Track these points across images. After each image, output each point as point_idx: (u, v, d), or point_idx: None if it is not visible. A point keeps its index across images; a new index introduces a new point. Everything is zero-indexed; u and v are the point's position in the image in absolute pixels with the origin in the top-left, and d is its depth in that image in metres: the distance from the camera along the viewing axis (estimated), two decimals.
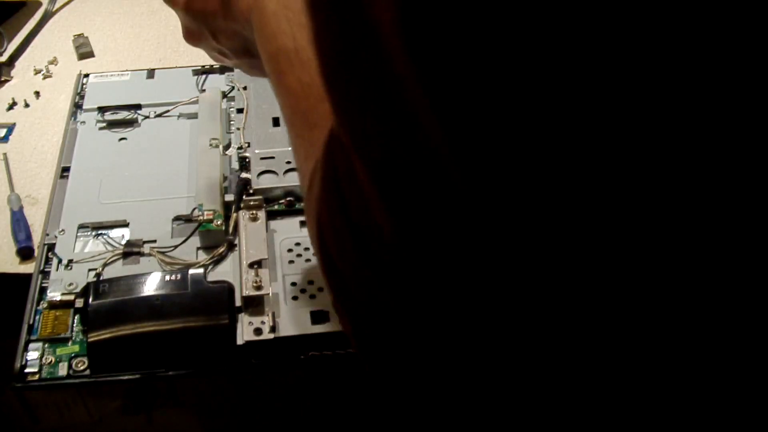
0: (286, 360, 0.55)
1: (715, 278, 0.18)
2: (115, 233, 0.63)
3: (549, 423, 0.22)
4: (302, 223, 0.64)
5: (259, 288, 0.56)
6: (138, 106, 0.74)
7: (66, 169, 0.69)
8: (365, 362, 0.28)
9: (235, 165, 0.69)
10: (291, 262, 0.61)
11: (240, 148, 0.70)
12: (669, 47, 0.15)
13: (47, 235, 0.62)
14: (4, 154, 0.73)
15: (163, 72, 0.80)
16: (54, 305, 0.57)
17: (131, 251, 0.61)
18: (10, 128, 0.76)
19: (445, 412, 0.25)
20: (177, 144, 0.71)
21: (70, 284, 0.58)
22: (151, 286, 0.54)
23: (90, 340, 0.52)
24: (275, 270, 0.60)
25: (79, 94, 0.77)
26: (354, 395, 0.62)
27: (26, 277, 0.60)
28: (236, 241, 0.61)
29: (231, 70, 0.78)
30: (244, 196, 0.64)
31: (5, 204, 0.68)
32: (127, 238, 0.62)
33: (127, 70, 0.80)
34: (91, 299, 0.53)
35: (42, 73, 0.84)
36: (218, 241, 0.61)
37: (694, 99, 0.15)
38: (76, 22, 0.92)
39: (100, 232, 0.63)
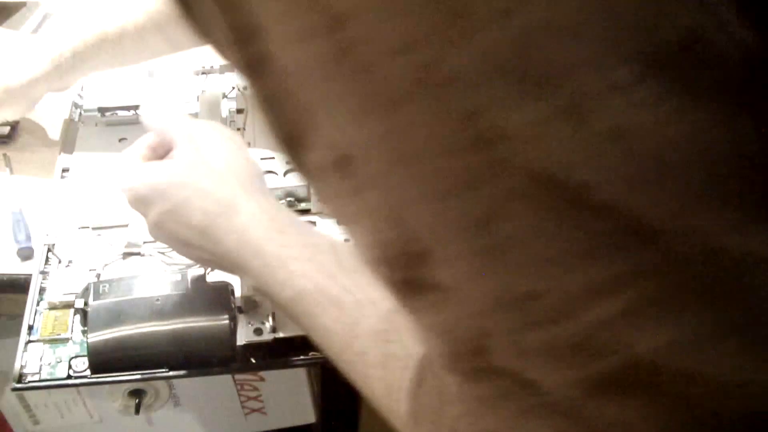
0: (286, 360, 0.55)
1: None
2: (115, 233, 0.63)
3: None
4: None
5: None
6: (138, 107, 0.74)
7: (66, 170, 0.69)
8: None
9: None
10: None
11: None
12: None
13: (47, 235, 0.62)
14: (4, 154, 0.73)
15: (163, 72, 0.80)
16: (54, 306, 0.57)
17: (131, 252, 0.61)
18: (11, 128, 0.76)
19: None
20: None
21: (70, 284, 0.58)
22: (151, 286, 0.54)
23: (90, 340, 0.52)
24: None
25: (79, 95, 0.77)
26: (355, 395, 0.62)
27: (26, 277, 0.60)
28: None
29: (231, 70, 0.78)
30: None
31: (5, 204, 0.68)
32: (127, 238, 0.62)
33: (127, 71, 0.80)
34: (91, 299, 0.53)
35: None
36: None
37: None
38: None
39: (100, 232, 0.63)
